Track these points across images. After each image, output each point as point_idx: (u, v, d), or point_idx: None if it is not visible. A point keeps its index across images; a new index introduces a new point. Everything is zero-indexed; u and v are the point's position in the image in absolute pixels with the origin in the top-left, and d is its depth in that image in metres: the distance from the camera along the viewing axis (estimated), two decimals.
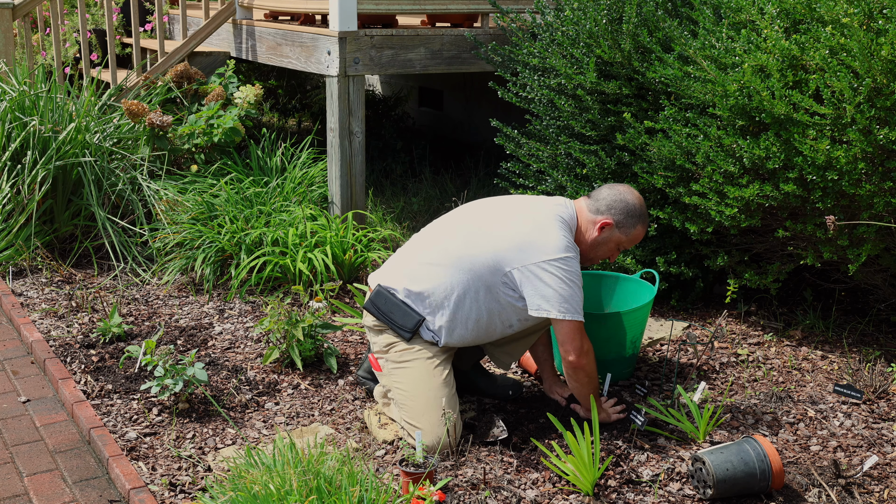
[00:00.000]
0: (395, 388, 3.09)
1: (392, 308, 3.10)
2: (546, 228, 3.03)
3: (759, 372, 3.66)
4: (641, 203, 3.17)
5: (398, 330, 3.09)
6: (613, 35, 4.00)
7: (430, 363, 3.07)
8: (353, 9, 4.84)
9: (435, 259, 3.10)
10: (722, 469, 2.69)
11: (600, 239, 3.14)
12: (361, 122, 5.01)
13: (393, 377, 3.11)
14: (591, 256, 3.20)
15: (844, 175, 3.32)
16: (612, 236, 3.15)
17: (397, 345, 3.12)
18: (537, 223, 3.04)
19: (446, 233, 3.18)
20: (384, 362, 3.15)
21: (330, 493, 2.40)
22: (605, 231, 3.13)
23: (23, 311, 4.22)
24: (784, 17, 3.54)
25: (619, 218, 3.12)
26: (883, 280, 3.91)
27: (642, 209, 3.16)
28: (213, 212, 4.78)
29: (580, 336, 2.99)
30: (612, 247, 3.18)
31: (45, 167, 4.78)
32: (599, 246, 3.16)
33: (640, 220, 3.15)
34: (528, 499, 2.75)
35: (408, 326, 3.07)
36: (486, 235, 3.06)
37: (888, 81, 3.14)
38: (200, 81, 5.63)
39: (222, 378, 3.58)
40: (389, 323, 3.11)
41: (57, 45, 5.83)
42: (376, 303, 3.14)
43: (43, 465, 3.04)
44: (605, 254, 3.20)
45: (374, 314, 3.15)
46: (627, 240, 3.17)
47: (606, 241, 3.15)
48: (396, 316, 3.09)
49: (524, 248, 2.98)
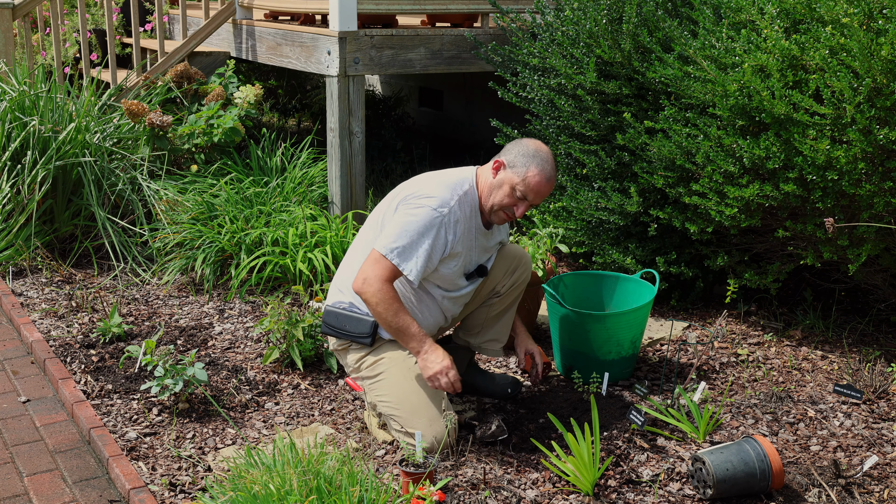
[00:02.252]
0: (380, 402, 3.04)
1: (343, 321, 3.08)
2: (423, 182, 3.03)
3: (759, 372, 3.66)
4: (539, 148, 3.00)
5: (358, 339, 3.06)
6: (613, 35, 4.00)
7: (404, 364, 3.03)
8: (353, 9, 4.84)
9: (355, 256, 3.11)
10: (722, 469, 2.69)
11: (494, 182, 3.01)
12: (361, 122, 5.01)
13: (374, 392, 3.06)
14: (490, 205, 3.02)
15: (844, 175, 3.32)
16: (505, 178, 2.98)
17: (366, 359, 3.08)
18: (418, 182, 3.05)
19: (362, 229, 3.18)
20: (361, 382, 3.13)
21: (330, 493, 2.40)
22: (500, 173, 3.01)
23: (23, 311, 4.22)
24: (784, 17, 3.54)
25: (510, 157, 2.99)
26: (883, 280, 3.91)
27: (539, 153, 2.98)
28: (213, 212, 4.78)
29: (373, 268, 2.89)
30: (508, 190, 2.97)
31: (45, 167, 4.78)
32: (494, 191, 3.00)
33: (535, 163, 2.96)
34: (528, 499, 2.75)
35: (365, 332, 3.03)
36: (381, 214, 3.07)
37: (888, 81, 3.14)
38: (200, 81, 5.63)
39: (222, 378, 3.58)
40: (347, 336, 3.07)
41: (57, 45, 5.83)
42: (328, 322, 3.12)
43: (43, 465, 3.04)
44: (501, 199, 2.99)
45: (330, 334, 3.13)
46: (521, 182, 2.95)
47: (500, 183, 2.99)
48: (350, 326, 3.06)
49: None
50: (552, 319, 3.60)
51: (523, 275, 3.30)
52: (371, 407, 3.13)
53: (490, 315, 3.32)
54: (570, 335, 3.53)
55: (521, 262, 3.29)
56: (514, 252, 3.30)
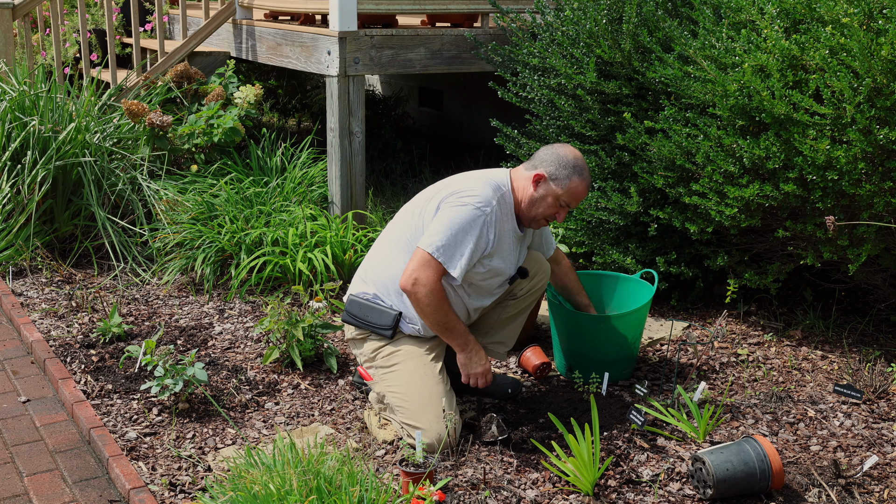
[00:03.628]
0: (389, 392, 3.07)
1: (366, 311, 3.11)
2: (464, 180, 3.08)
3: (759, 372, 3.66)
4: (577, 156, 3.08)
5: (379, 331, 3.09)
6: (613, 35, 4.00)
7: (420, 360, 3.07)
8: (353, 9, 4.84)
9: (385, 249, 3.14)
10: (722, 469, 2.69)
11: (537, 195, 3.07)
12: (361, 122, 5.01)
13: (385, 382, 3.09)
14: (532, 215, 3.10)
15: (844, 175, 3.32)
16: (548, 190, 3.06)
17: (383, 349, 3.12)
18: (460, 179, 3.10)
19: (393, 222, 3.22)
20: (374, 370, 3.15)
21: (330, 493, 2.40)
22: (541, 185, 3.06)
23: (23, 311, 4.22)
24: (784, 17, 3.54)
25: (552, 170, 3.05)
26: (883, 280, 3.91)
27: (577, 161, 3.07)
28: (213, 212, 4.78)
29: (424, 269, 2.93)
30: (551, 202, 3.07)
31: (45, 167, 4.78)
32: (537, 202, 3.07)
33: (576, 172, 3.05)
34: (528, 499, 2.75)
35: (387, 324, 3.07)
36: (419, 209, 3.10)
37: (888, 81, 3.14)
38: (200, 81, 5.63)
39: (222, 378, 3.58)
40: (368, 327, 3.11)
41: (57, 45, 5.83)
42: (350, 311, 3.16)
43: (43, 465, 3.04)
44: (545, 210, 3.09)
45: (352, 323, 3.16)
46: (566, 193, 3.05)
47: (543, 196, 3.06)
48: (373, 317, 3.09)
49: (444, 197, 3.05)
50: (553, 319, 3.60)
51: (541, 282, 3.33)
52: (376, 399, 3.15)
53: (503, 317, 3.33)
54: (571, 336, 3.53)
55: (540, 268, 3.33)
56: (535, 258, 3.34)
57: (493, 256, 3.05)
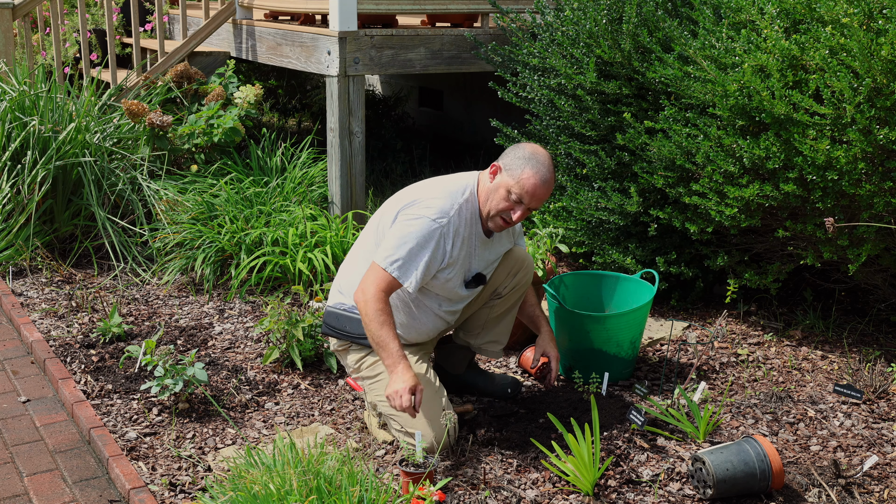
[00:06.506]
0: (380, 402, 3.05)
1: (343, 322, 3.10)
2: (426, 188, 3.04)
3: (759, 372, 3.66)
4: (535, 151, 2.99)
5: (358, 340, 3.07)
6: (613, 35, 4.00)
7: None
8: (353, 9, 4.84)
9: (357, 259, 3.12)
10: (722, 469, 2.69)
11: (491, 187, 3.01)
12: (361, 122, 5.01)
13: (374, 392, 3.07)
14: (487, 210, 3.01)
15: (844, 175, 3.32)
16: (500, 181, 2.98)
17: (366, 359, 3.10)
18: (421, 188, 3.05)
19: (364, 231, 3.19)
20: (361, 382, 3.14)
21: (330, 493, 2.40)
22: (496, 177, 3.00)
23: (23, 311, 4.22)
24: (784, 17, 3.54)
25: (507, 161, 2.99)
26: (883, 280, 3.91)
27: (534, 155, 2.96)
28: (213, 212, 4.78)
29: (375, 284, 2.89)
30: (503, 193, 2.96)
31: (45, 167, 4.78)
32: (491, 195, 2.99)
33: (529, 164, 2.94)
34: (528, 499, 2.75)
35: (365, 333, 3.02)
36: (384, 218, 3.07)
37: (888, 81, 3.14)
38: (200, 81, 5.63)
39: (222, 378, 3.58)
40: (348, 337, 3.10)
41: (57, 45, 5.83)
42: (328, 322, 3.15)
43: (43, 465, 3.04)
44: (498, 204, 2.97)
45: (330, 335, 3.15)
46: (516, 184, 2.93)
47: (496, 187, 2.98)
48: (350, 328, 3.08)
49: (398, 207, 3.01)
50: (553, 319, 3.60)
51: (525, 277, 3.30)
52: (371, 407, 3.13)
53: (491, 316, 3.32)
54: (571, 335, 3.53)
55: (523, 264, 3.29)
56: (517, 254, 3.29)
57: (454, 266, 3.02)
